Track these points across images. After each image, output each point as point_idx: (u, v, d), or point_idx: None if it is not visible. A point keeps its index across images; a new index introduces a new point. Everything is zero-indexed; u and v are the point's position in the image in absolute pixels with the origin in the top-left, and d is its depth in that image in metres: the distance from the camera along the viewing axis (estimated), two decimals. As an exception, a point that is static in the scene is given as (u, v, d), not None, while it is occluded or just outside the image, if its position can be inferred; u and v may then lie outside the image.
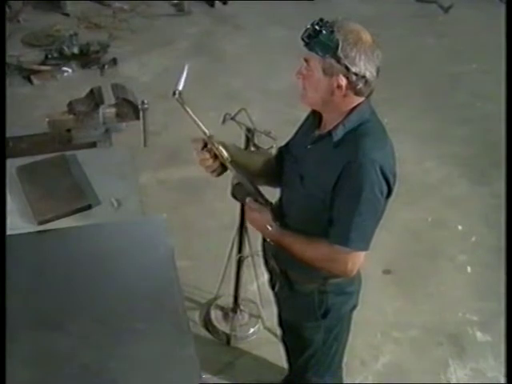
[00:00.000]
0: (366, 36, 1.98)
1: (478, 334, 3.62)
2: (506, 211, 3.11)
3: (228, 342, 3.51)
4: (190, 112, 2.20)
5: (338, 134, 2.06)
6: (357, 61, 1.94)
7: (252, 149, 2.60)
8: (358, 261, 2.13)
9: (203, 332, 3.56)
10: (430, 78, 6.00)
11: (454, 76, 6.06)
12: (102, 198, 2.92)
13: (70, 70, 5.86)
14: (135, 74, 5.78)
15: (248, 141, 2.70)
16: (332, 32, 1.93)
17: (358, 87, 1.99)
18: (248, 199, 2.30)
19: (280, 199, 2.39)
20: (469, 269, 4.04)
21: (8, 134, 3.24)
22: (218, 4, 7.24)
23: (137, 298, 2.42)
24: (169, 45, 6.40)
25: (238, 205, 2.99)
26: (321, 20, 1.98)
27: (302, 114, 2.36)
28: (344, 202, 2.05)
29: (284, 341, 2.88)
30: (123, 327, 2.30)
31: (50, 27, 6.47)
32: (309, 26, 1.99)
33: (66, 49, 5.97)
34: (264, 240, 2.57)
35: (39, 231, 2.72)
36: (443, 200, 4.59)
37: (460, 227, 4.36)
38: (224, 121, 2.58)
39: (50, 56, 5.94)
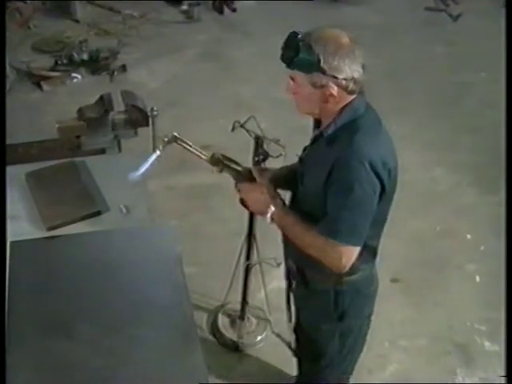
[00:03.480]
0: (344, 39, 1.99)
1: (487, 344, 3.61)
2: (506, 219, 3.12)
3: (235, 349, 3.50)
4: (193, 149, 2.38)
5: (329, 132, 2.10)
6: (342, 67, 1.96)
7: (261, 156, 2.61)
8: (352, 256, 2.11)
9: (211, 339, 3.55)
10: (438, 86, 5.99)
11: (462, 84, 6.05)
12: (111, 205, 2.92)
13: (79, 77, 5.89)
14: (144, 81, 5.79)
15: (257, 148, 2.70)
16: (310, 47, 1.95)
17: (350, 88, 2.02)
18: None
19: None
20: (477, 278, 4.03)
21: (17, 140, 3.26)
22: (227, 11, 7.25)
23: (145, 304, 2.43)
24: (178, 52, 6.42)
25: (246, 212, 2.99)
26: (294, 35, 2.00)
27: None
28: (334, 196, 2.07)
29: (296, 349, 2.88)
30: (131, 334, 2.31)
31: (60, 33, 6.50)
32: (283, 46, 2.01)
33: (75, 55, 6.00)
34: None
35: (48, 237, 2.73)
36: (452, 209, 4.57)
37: (469, 236, 4.35)
38: (233, 128, 2.58)
39: (59, 62, 5.97)
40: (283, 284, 2.74)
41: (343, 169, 2.01)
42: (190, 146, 2.42)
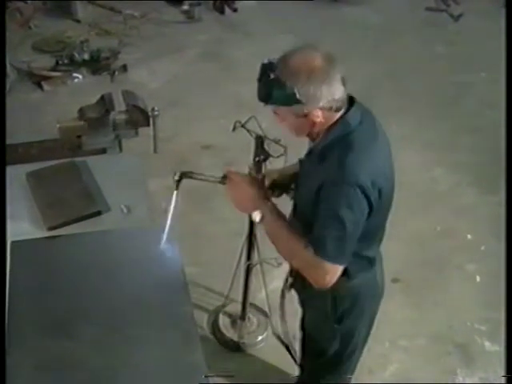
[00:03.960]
0: (316, 61, 1.96)
1: (487, 344, 3.61)
2: (506, 219, 3.12)
3: (236, 349, 3.50)
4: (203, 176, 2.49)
5: (320, 147, 2.10)
6: (319, 94, 1.95)
7: (262, 156, 2.61)
8: (336, 274, 2.11)
9: (211, 339, 3.55)
10: (439, 86, 5.98)
11: (463, 84, 6.04)
12: (112, 205, 2.92)
13: (80, 77, 5.89)
14: (145, 81, 5.79)
15: (258, 148, 2.70)
16: (283, 82, 1.94)
17: (334, 107, 2.01)
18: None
19: None
20: (478, 278, 4.03)
21: (17, 140, 3.26)
22: (227, 11, 7.25)
23: (145, 304, 2.43)
24: (179, 52, 6.41)
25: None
26: (265, 69, 2.00)
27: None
28: (322, 215, 2.06)
29: (300, 347, 2.88)
30: (131, 334, 2.31)
31: (60, 33, 6.49)
32: (258, 82, 2.02)
33: (76, 55, 6.00)
34: None
35: (48, 237, 2.73)
36: (452, 209, 4.57)
37: (469, 236, 4.35)
38: (234, 128, 2.59)
39: (60, 62, 5.96)
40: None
41: (332, 189, 2.01)
42: (199, 175, 2.49)
